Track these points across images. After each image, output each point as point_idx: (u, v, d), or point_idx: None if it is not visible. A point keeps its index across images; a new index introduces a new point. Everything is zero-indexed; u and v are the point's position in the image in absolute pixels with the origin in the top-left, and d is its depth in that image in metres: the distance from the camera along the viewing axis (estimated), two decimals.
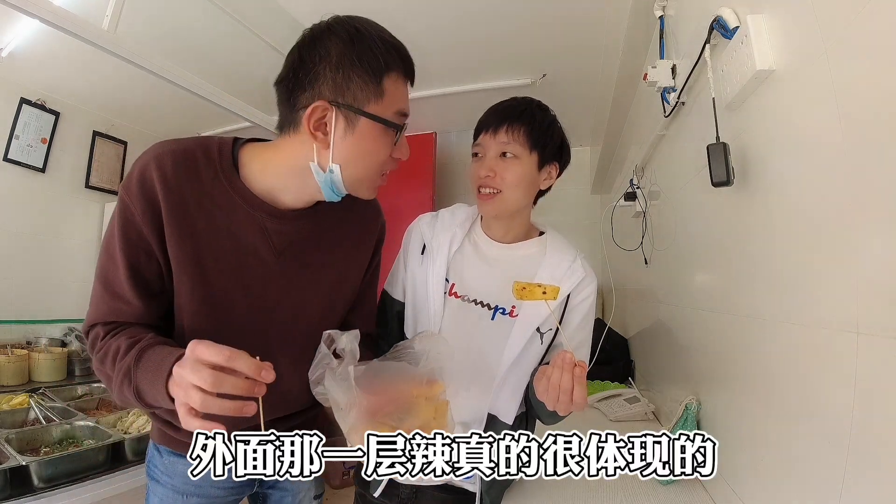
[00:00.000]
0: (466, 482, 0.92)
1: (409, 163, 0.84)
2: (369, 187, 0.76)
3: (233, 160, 0.75)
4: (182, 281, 0.72)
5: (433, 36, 2.09)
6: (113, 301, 0.72)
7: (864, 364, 0.56)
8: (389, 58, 0.70)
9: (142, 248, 0.71)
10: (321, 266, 0.83)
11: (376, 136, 0.71)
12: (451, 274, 0.96)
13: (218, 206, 0.73)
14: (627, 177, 2.01)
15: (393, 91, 0.71)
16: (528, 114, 0.94)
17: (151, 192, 0.69)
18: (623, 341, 2.31)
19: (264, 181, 0.75)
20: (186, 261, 0.72)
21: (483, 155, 0.94)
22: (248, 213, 0.74)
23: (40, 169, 2.49)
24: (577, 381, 0.74)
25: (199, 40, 2.11)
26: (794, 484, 0.72)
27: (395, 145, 0.74)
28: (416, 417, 0.67)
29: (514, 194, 0.92)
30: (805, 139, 0.70)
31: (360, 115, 0.69)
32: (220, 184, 0.73)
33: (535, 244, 1.00)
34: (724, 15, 0.91)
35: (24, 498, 1.16)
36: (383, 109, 0.70)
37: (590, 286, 0.96)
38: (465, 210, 1.04)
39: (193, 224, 0.71)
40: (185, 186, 0.71)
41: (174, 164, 0.71)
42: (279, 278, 0.78)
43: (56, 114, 2.53)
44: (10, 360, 1.96)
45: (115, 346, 0.69)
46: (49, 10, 1.33)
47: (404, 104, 0.73)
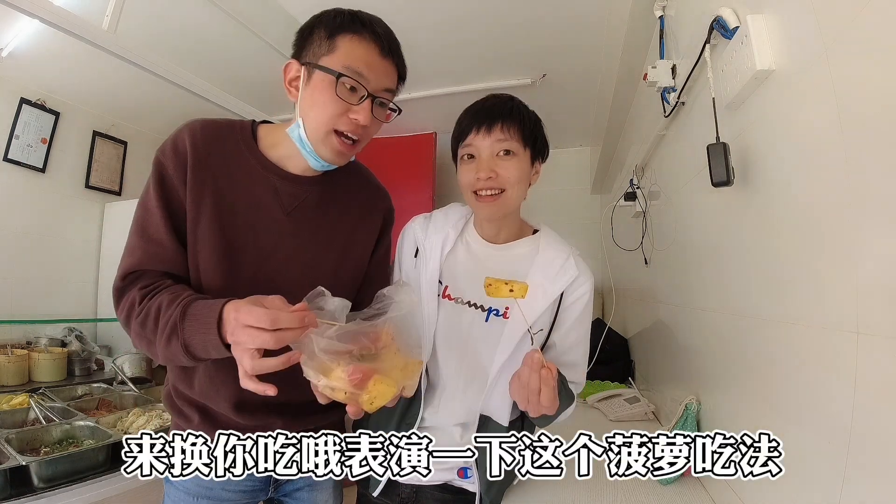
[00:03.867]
0: (466, 482, 0.92)
1: (409, 163, 0.85)
2: (325, 143, 0.80)
3: (252, 135, 0.87)
4: (199, 226, 0.80)
5: (434, 36, 2.09)
6: (149, 245, 0.78)
7: (864, 364, 0.56)
8: (348, 21, 0.78)
9: (174, 197, 0.80)
10: (328, 231, 0.89)
11: (325, 87, 0.77)
12: (444, 276, 0.95)
13: (237, 167, 0.83)
14: (627, 177, 2.01)
15: (347, 49, 0.77)
16: (517, 110, 0.92)
17: (183, 152, 0.80)
18: (623, 341, 2.31)
19: (276, 151, 0.86)
20: (204, 209, 0.80)
21: (478, 156, 0.91)
22: (262, 175, 0.84)
23: (40, 169, 2.49)
24: (544, 382, 0.73)
25: (199, 40, 2.11)
26: (794, 484, 0.72)
27: (348, 103, 0.78)
28: (381, 362, 0.65)
29: (515, 192, 0.91)
30: (805, 139, 0.70)
31: (314, 68, 0.77)
32: (239, 150, 0.84)
33: (529, 243, 0.99)
34: (724, 15, 0.91)
35: (24, 498, 1.16)
36: (332, 62, 0.77)
37: (584, 285, 0.93)
38: (459, 210, 1.03)
39: (215, 180, 0.81)
40: (210, 149, 0.82)
41: (203, 132, 0.82)
42: (288, 237, 0.85)
43: (56, 114, 2.53)
44: (10, 360, 1.96)
45: (157, 304, 0.72)
46: (49, 10, 1.33)
47: (357, 63, 0.77)
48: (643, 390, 1.91)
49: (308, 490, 0.97)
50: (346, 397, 0.64)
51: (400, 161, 3.10)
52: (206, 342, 0.67)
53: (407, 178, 3.06)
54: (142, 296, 0.75)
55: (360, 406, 0.65)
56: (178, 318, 0.69)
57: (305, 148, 0.81)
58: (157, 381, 2.16)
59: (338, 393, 0.64)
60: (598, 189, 3.25)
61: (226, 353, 0.67)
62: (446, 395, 0.93)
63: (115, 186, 2.86)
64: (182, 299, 0.71)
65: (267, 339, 0.61)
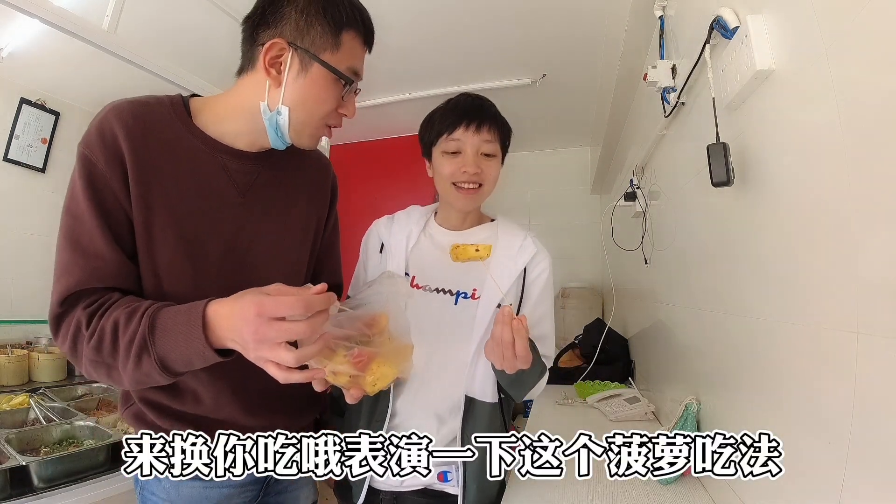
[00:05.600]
0: (447, 486, 0.92)
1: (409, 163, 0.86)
2: (311, 135, 0.78)
3: (186, 111, 0.77)
4: (153, 225, 0.71)
5: (434, 36, 2.09)
6: (87, 261, 0.67)
7: (864, 364, 0.56)
8: (352, 16, 0.75)
9: (108, 197, 0.69)
10: (284, 207, 0.83)
11: (326, 84, 0.74)
12: (410, 267, 0.99)
13: (179, 149, 0.73)
14: (627, 177, 2.01)
15: (350, 48, 0.75)
16: (499, 115, 1.00)
17: (113, 140, 0.69)
18: (623, 341, 2.31)
19: (218, 127, 0.77)
20: (154, 203, 0.70)
21: (464, 151, 0.96)
22: (209, 155, 0.75)
23: (40, 169, 2.49)
24: (516, 333, 0.76)
25: (199, 40, 2.11)
26: (794, 484, 0.72)
27: (342, 100, 0.77)
28: (377, 347, 0.67)
29: (490, 188, 0.99)
30: (805, 139, 0.70)
31: (314, 60, 0.72)
32: (177, 129, 0.74)
33: (488, 229, 1.05)
34: (724, 15, 0.91)
35: (24, 498, 1.16)
36: (337, 61, 0.73)
37: (544, 261, 1.01)
38: (420, 210, 1.09)
39: (159, 169, 0.71)
40: (146, 133, 0.71)
41: (132, 114, 0.71)
42: (248, 220, 0.78)
43: (56, 114, 2.53)
44: (10, 360, 1.96)
45: (111, 323, 0.63)
46: (49, 10, 1.33)
47: (357, 63, 0.77)
48: (643, 390, 1.91)
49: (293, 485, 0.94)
50: (349, 381, 0.65)
51: (400, 161, 3.10)
52: (189, 352, 0.60)
53: (407, 179, 3.05)
54: (88, 316, 0.65)
55: (363, 388, 0.66)
56: (147, 332, 0.60)
57: (278, 133, 0.75)
58: None
59: (340, 377, 0.64)
60: (598, 189, 3.24)
61: (213, 360, 0.61)
62: (421, 384, 0.94)
63: None
64: (144, 311, 0.63)
65: (302, 329, 0.57)
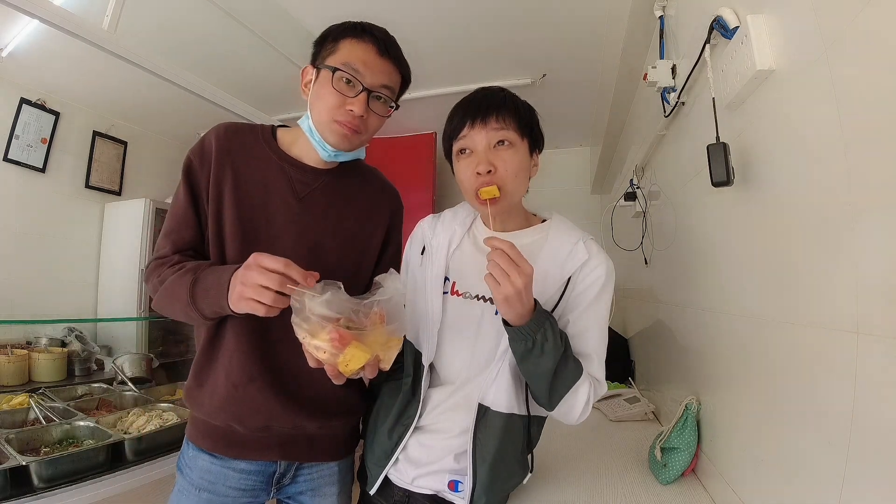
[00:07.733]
0: (456, 496, 0.91)
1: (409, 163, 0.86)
2: (331, 131, 0.89)
3: (272, 135, 0.99)
4: (224, 205, 0.91)
5: (434, 36, 2.09)
6: (179, 229, 0.92)
7: (864, 364, 0.56)
8: (350, 28, 0.89)
9: (202, 187, 0.92)
10: (335, 218, 0.97)
11: (326, 81, 0.87)
12: (451, 272, 0.95)
13: (256, 158, 0.94)
14: (627, 177, 2.01)
15: (347, 50, 0.88)
16: (510, 100, 0.91)
17: (208, 149, 0.93)
18: (623, 341, 2.31)
19: (293, 149, 0.97)
20: (227, 188, 0.91)
21: (473, 150, 0.88)
22: (279, 165, 0.95)
23: (40, 169, 2.49)
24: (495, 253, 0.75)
25: (199, 40, 2.11)
26: (794, 484, 0.72)
27: (344, 95, 0.87)
28: (366, 334, 0.74)
29: (513, 187, 0.88)
30: (805, 139, 0.70)
31: (320, 67, 0.89)
32: (259, 144, 0.96)
33: (537, 231, 0.96)
34: (724, 15, 0.91)
35: (24, 498, 1.15)
36: (333, 61, 0.87)
37: (596, 269, 0.88)
38: (467, 208, 1.01)
39: (236, 169, 0.92)
40: (232, 144, 0.94)
41: (226, 130, 0.95)
42: (299, 220, 0.94)
43: (56, 114, 2.53)
44: (10, 360, 1.96)
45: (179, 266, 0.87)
46: (49, 10, 1.33)
47: (354, 61, 0.87)
48: (643, 390, 1.91)
49: (310, 495, 0.98)
50: (327, 357, 0.72)
51: (400, 161, 3.10)
52: (220, 281, 0.78)
53: (407, 178, 3.05)
54: (170, 263, 0.89)
55: (336, 367, 0.73)
56: (195, 267, 0.85)
57: (315, 137, 0.91)
58: (157, 381, 2.16)
59: (321, 353, 0.73)
60: (598, 189, 3.25)
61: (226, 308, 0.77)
62: (453, 391, 0.93)
63: (114, 186, 2.86)
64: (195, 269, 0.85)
65: (274, 279, 0.71)
